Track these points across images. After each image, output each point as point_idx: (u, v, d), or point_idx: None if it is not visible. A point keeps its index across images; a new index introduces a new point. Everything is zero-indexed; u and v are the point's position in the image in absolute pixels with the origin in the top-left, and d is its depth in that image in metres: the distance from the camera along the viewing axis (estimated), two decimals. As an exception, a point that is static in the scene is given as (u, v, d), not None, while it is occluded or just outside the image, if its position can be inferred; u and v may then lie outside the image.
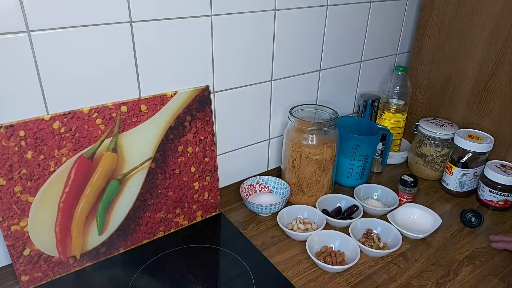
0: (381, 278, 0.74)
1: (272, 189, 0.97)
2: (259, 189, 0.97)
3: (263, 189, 0.97)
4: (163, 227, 0.83)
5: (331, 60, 1.06)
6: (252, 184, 0.96)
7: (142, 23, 0.72)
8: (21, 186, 0.65)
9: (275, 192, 0.96)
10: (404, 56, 1.26)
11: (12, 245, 0.66)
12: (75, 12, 0.64)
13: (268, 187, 0.97)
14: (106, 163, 0.72)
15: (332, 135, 0.91)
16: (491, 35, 0.99)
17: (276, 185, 0.96)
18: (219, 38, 0.82)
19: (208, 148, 0.85)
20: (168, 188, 0.81)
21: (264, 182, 0.97)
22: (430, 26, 1.11)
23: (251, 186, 0.96)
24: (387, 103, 1.14)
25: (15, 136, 0.63)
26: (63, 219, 0.70)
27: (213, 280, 0.74)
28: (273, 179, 0.97)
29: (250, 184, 0.96)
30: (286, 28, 0.92)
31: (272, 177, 0.97)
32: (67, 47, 0.66)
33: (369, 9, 1.07)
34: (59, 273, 0.72)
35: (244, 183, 0.94)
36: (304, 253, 0.78)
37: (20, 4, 0.60)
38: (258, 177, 0.97)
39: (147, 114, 0.75)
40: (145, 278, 0.73)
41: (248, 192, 0.95)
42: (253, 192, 0.96)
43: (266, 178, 0.97)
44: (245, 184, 0.95)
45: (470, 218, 0.88)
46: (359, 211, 0.88)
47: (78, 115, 0.69)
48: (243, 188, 0.93)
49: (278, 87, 0.98)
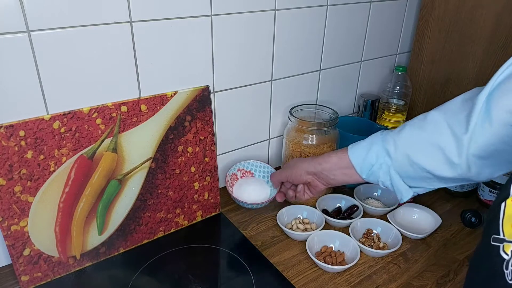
0: (381, 278, 0.74)
1: (254, 173, 0.95)
2: (241, 175, 0.94)
3: (245, 174, 0.94)
4: (163, 227, 0.83)
5: (331, 60, 1.06)
6: (234, 174, 0.93)
7: (142, 23, 0.72)
8: (21, 186, 0.65)
9: (258, 176, 0.94)
10: (404, 56, 1.26)
11: (12, 245, 0.66)
12: (75, 12, 0.64)
13: (250, 171, 0.95)
14: (106, 163, 0.72)
15: (332, 135, 0.91)
16: (491, 35, 0.99)
17: (257, 168, 0.95)
18: (219, 38, 0.82)
19: (208, 148, 0.85)
20: (168, 188, 0.81)
21: (245, 168, 0.95)
22: (430, 26, 1.11)
23: (233, 176, 0.93)
24: (387, 103, 1.14)
25: (15, 136, 0.63)
26: (63, 219, 0.70)
27: (213, 280, 0.74)
28: (254, 162, 0.95)
29: (232, 173, 0.92)
30: (286, 28, 0.92)
31: (252, 161, 0.95)
32: (67, 47, 0.66)
33: (369, 9, 1.07)
34: (59, 273, 0.72)
35: (226, 175, 0.91)
36: (304, 253, 0.78)
37: (20, 4, 0.60)
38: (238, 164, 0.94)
39: (147, 114, 0.75)
40: (145, 278, 0.73)
41: (231, 182, 0.91)
42: (235, 180, 0.93)
43: (246, 163, 0.95)
44: (227, 176, 0.91)
45: (470, 218, 0.88)
46: (359, 211, 0.88)
47: (78, 115, 0.69)
48: (227, 181, 0.90)
49: (278, 87, 0.98)
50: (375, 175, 0.67)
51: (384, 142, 0.65)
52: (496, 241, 0.42)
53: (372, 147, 0.66)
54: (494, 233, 0.42)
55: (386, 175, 0.66)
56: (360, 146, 0.69)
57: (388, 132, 0.67)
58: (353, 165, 0.68)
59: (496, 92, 0.54)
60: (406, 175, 0.65)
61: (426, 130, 0.61)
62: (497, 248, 0.41)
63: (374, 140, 0.67)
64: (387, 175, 0.66)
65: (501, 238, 0.42)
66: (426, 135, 0.61)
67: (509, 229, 0.41)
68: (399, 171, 0.65)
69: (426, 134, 0.61)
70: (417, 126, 0.63)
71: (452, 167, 0.59)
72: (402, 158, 0.63)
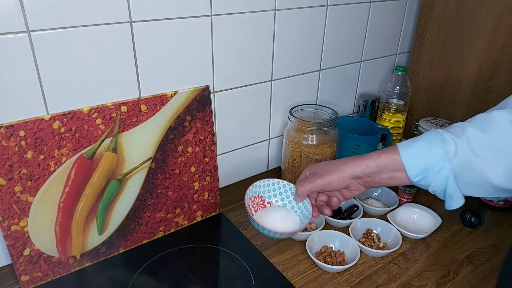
0: (381, 278, 0.74)
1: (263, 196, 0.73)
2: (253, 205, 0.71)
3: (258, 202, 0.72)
4: (163, 227, 0.83)
5: (331, 60, 1.06)
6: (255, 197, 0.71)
7: (142, 23, 0.72)
8: (21, 186, 0.65)
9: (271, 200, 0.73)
10: (404, 56, 1.26)
11: (12, 245, 0.66)
12: (75, 12, 0.64)
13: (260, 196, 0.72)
14: (106, 163, 0.72)
15: (332, 135, 0.91)
16: (491, 35, 0.99)
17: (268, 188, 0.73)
18: (219, 38, 0.82)
19: (208, 148, 0.85)
20: (168, 188, 0.81)
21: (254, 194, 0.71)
22: (430, 26, 1.11)
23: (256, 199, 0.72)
24: (387, 103, 1.14)
25: (15, 136, 0.63)
26: (63, 219, 0.70)
27: (213, 280, 0.74)
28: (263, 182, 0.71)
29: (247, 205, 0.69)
30: (286, 28, 0.92)
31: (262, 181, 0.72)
32: (67, 47, 0.66)
33: (369, 9, 1.07)
34: (59, 273, 0.72)
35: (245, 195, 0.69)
36: (304, 253, 0.78)
37: (20, 4, 0.60)
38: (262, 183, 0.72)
39: (147, 114, 0.75)
40: (145, 278, 0.73)
41: (254, 207, 0.71)
42: (260, 207, 0.72)
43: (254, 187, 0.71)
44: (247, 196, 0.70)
45: (470, 218, 0.88)
46: (359, 211, 0.88)
47: (78, 115, 0.69)
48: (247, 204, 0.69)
49: (278, 87, 0.98)
50: (428, 179, 0.59)
51: (444, 144, 0.57)
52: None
53: (432, 150, 0.58)
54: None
55: (443, 180, 0.58)
56: (415, 147, 0.60)
57: (445, 132, 0.58)
58: (405, 168, 0.60)
59: None
60: (463, 181, 0.58)
61: (490, 132, 0.54)
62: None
63: (432, 141, 0.58)
64: (444, 181, 0.58)
65: None
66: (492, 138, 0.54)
67: None
68: (457, 177, 0.57)
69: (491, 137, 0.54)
70: (480, 128, 0.56)
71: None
72: (464, 163, 0.56)
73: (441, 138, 0.58)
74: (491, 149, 0.54)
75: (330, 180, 0.65)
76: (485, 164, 0.55)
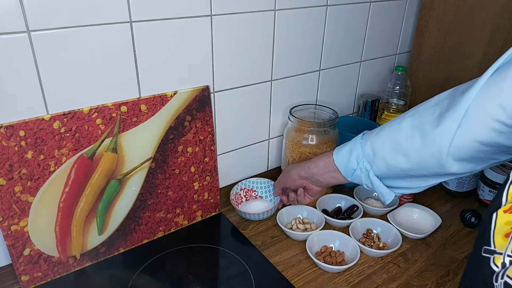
0: (381, 278, 0.74)
1: (256, 190, 0.95)
2: (244, 194, 0.94)
3: (248, 192, 0.94)
4: (163, 227, 0.83)
5: (331, 60, 1.06)
6: (238, 193, 0.93)
7: (142, 23, 0.72)
8: (21, 186, 0.65)
9: (261, 192, 0.94)
10: (404, 56, 1.26)
11: (12, 245, 0.67)
12: (75, 12, 0.64)
13: (253, 189, 0.94)
14: (106, 163, 0.72)
15: (332, 135, 0.91)
16: (491, 35, 0.99)
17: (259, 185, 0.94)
18: (219, 38, 0.82)
19: (208, 148, 0.85)
20: (168, 188, 0.81)
21: (247, 186, 0.94)
22: (430, 26, 1.11)
23: (237, 195, 0.93)
24: (387, 103, 1.14)
25: (15, 136, 0.64)
26: (63, 219, 0.70)
27: (213, 280, 0.74)
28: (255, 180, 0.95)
29: (235, 193, 0.92)
30: (286, 28, 0.92)
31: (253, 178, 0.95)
32: (67, 47, 0.66)
33: (369, 9, 1.07)
34: (59, 273, 0.72)
35: (230, 194, 0.91)
36: (304, 253, 0.79)
37: (20, 4, 0.60)
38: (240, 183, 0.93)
39: (147, 114, 0.75)
40: (145, 278, 0.73)
41: (236, 201, 0.91)
42: (240, 200, 0.93)
43: (247, 181, 0.94)
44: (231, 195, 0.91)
45: (470, 218, 0.88)
46: (359, 211, 0.88)
47: (78, 115, 0.69)
48: (232, 199, 0.90)
49: (278, 87, 0.98)
50: (358, 178, 0.69)
51: (363, 146, 0.67)
52: (487, 252, 0.40)
53: (353, 152, 0.68)
54: (485, 244, 0.41)
55: (367, 178, 0.68)
56: (343, 151, 0.70)
57: (368, 135, 0.67)
58: (338, 169, 0.71)
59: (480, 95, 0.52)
60: (386, 176, 0.67)
61: (401, 132, 0.62)
62: (488, 260, 0.40)
63: (354, 145, 0.68)
64: (368, 179, 0.68)
65: (491, 249, 0.40)
66: (402, 137, 0.62)
67: (500, 241, 0.40)
68: (379, 174, 0.67)
69: (402, 136, 0.62)
70: (393, 129, 0.64)
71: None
72: (380, 161, 0.65)
73: (362, 141, 0.67)
74: (393, 146, 0.63)
75: (286, 179, 0.82)
76: (391, 157, 0.63)
